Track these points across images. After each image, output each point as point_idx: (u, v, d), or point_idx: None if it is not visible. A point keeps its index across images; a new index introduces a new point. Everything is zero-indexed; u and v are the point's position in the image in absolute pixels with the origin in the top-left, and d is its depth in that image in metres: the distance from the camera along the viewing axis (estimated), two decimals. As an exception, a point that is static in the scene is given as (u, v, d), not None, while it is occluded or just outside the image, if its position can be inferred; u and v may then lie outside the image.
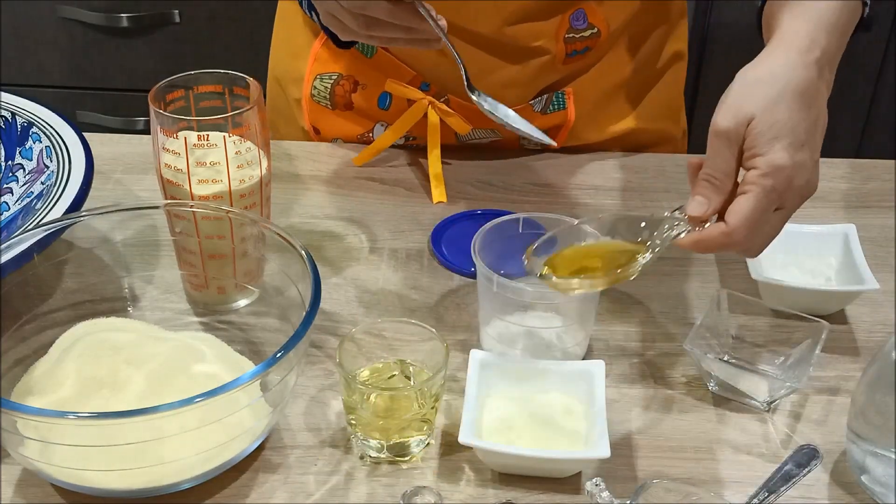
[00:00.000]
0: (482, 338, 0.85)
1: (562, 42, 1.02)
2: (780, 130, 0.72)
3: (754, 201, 0.72)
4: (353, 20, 0.82)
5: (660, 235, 0.75)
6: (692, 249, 0.75)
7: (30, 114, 0.97)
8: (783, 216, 0.75)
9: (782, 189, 0.72)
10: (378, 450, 0.75)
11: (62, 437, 0.67)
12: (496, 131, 1.09)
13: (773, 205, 0.73)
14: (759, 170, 0.72)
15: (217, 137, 0.79)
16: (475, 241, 0.82)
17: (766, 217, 0.73)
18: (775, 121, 0.73)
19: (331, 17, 0.85)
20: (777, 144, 0.72)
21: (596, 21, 1.02)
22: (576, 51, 1.03)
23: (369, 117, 1.11)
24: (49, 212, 0.84)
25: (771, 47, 0.78)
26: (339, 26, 0.85)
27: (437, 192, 1.04)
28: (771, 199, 0.72)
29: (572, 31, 1.02)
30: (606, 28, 1.03)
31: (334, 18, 0.84)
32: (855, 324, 0.89)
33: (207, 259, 0.84)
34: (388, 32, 0.82)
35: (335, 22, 0.85)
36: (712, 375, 0.81)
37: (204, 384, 0.71)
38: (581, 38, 1.02)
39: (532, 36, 1.01)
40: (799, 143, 0.73)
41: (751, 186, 0.72)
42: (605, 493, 0.70)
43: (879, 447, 0.71)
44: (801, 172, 0.73)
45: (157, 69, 2.05)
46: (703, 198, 0.74)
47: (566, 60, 1.04)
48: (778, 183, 0.72)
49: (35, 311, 0.79)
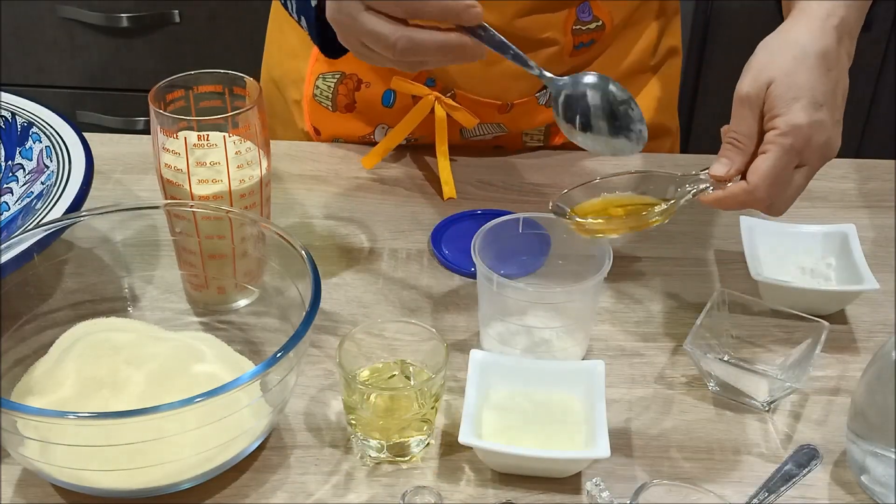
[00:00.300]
0: (482, 338, 0.85)
1: (570, 34, 1.03)
2: (799, 91, 0.75)
3: (774, 159, 0.75)
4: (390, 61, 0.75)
5: (683, 193, 0.80)
6: (715, 206, 0.78)
7: (30, 114, 0.97)
8: (805, 174, 0.78)
9: (801, 147, 0.75)
10: (378, 450, 0.75)
11: (62, 437, 0.67)
12: (502, 125, 1.09)
13: (792, 162, 0.76)
14: (778, 129, 0.75)
15: (217, 137, 0.79)
16: (475, 241, 0.82)
17: (786, 175, 0.76)
18: (793, 83, 0.76)
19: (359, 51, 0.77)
20: (795, 105, 0.75)
21: (601, 14, 1.03)
22: (582, 43, 1.04)
23: (371, 119, 1.11)
24: (49, 212, 0.84)
25: (791, 18, 0.80)
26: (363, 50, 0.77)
27: (446, 189, 1.05)
28: (790, 156, 0.75)
29: (579, 23, 1.03)
30: (610, 21, 1.04)
31: (365, 51, 0.77)
32: (855, 324, 0.89)
33: (207, 259, 0.84)
34: (434, 61, 0.76)
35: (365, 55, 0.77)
36: (712, 375, 0.81)
37: (204, 384, 0.71)
38: (587, 31, 1.03)
39: (541, 28, 1.01)
40: (817, 103, 0.76)
41: (770, 146, 0.75)
42: (605, 493, 0.70)
43: (879, 447, 0.71)
44: (819, 131, 0.76)
45: (157, 69, 2.05)
46: (727, 159, 0.78)
47: (573, 53, 1.05)
48: (796, 141, 0.75)
49: (35, 311, 0.79)
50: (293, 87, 1.14)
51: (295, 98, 1.14)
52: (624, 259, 0.96)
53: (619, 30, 1.07)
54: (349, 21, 0.74)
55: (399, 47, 0.72)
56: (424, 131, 1.08)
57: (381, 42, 0.73)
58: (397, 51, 0.73)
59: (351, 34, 0.75)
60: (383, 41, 0.73)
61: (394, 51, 0.73)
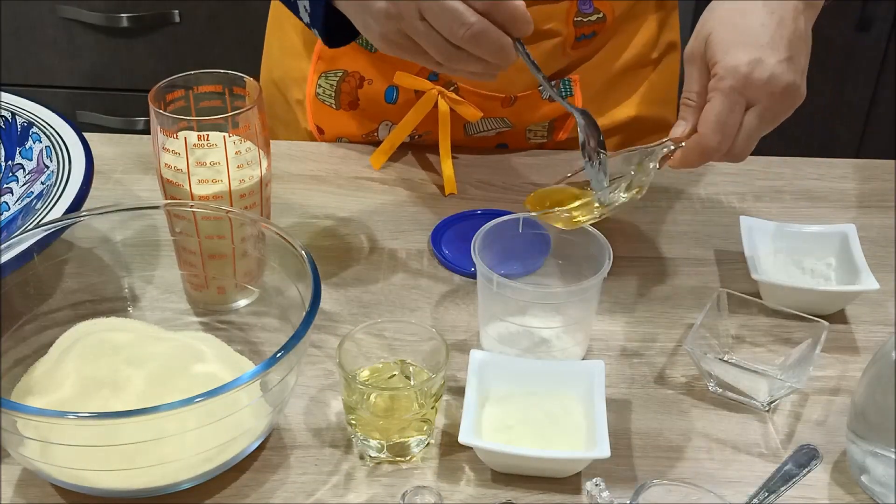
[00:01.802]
0: (482, 338, 0.85)
1: (571, 25, 1.03)
2: (736, 36, 0.77)
3: (716, 104, 0.76)
4: (439, 46, 0.74)
5: (650, 162, 0.82)
6: (679, 167, 0.80)
7: (30, 114, 0.97)
8: (757, 114, 0.78)
9: (741, 87, 0.76)
10: (378, 450, 0.75)
11: (62, 437, 0.67)
12: (506, 119, 1.09)
13: (736, 104, 0.77)
14: (717, 75, 0.77)
15: (217, 137, 0.79)
16: (475, 241, 0.82)
17: (734, 118, 0.77)
18: (730, 30, 0.77)
19: (396, 40, 0.76)
20: (732, 48, 0.77)
21: (601, 6, 1.04)
22: (584, 35, 1.05)
23: (374, 116, 1.11)
24: (49, 212, 0.84)
25: None
26: (403, 49, 0.77)
27: (448, 184, 1.05)
28: (732, 98, 0.76)
29: (580, 15, 1.03)
30: (611, 13, 1.05)
31: (406, 41, 0.76)
32: (855, 324, 0.89)
33: (207, 259, 0.84)
34: (470, 66, 0.75)
35: (402, 45, 0.76)
36: (712, 375, 0.81)
37: (204, 384, 0.71)
38: (588, 23, 1.04)
39: (542, 19, 1.02)
40: (756, 43, 0.77)
41: (712, 93, 0.77)
42: (605, 493, 0.70)
43: (879, 447, 0.71)
44: (759, 68, 0.76)
45: (157, 69, 2.05)
46: (682, 119, 0.80)
47: (575, 45, 1.05)
48: (735, 82, 0.76)
49: (35, 311, 0.79)
50: (295, 86, 1.14)
51: (297, 98, 1.14)
52: (624, 259, 0.96)
53: (620, 23, 1.08)
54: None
55: (473, 30, 0.71)
56: (428, 126, 1.08)
57: (455, 21, 0.71)
58: (467, 35, 0.71)
59: (408, 9, 0.72)
60: (458, 20, 0.71)
61: (463, 33, 0.71)
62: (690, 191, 1.07)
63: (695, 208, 1.05)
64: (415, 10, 0.72)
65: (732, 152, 0.80)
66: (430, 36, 0.73)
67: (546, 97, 0.80)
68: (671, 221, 1.03)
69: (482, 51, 0.73)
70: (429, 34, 0.73)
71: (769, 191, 1.08)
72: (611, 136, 1.14)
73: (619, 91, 1.12)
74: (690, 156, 0.79)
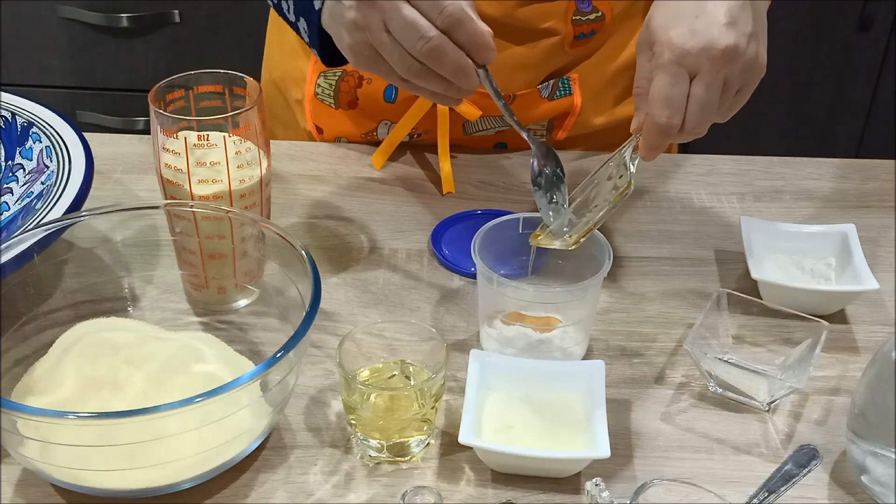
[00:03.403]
0: (482, 338, 0.85)
1: (570, 24, 1.03)
2: (673, 15, 0.78)
3: (657, 80, 0.77)
4: (401, 60, 0.75)
5: (623, 161, 0.82)
6: (646, 156, 0.80)
7: (30, 114, 0.97)
8: (705, 84, 0.77)
9: (679, 58, 0.76)
10: (378, 450, 0.75)
11: (62, 437, 0.67)
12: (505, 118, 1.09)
13: (678, 76, 0.77)
14: (654, 53, 0.77)
15: (217, 137, 0.79)
16: (475, 241, 0.82)
17: (678, 90, 0.77)
18: (669, 11, 0.78)
19: (364, 52, 0.77)
20: (670, 27, 0.77)
21: (600, 5, 1.04)
22: (583, 34, 1.05)
23: (373, 116, 1.11)
24: (49, 212, 0.84)
25: None
26: (370, 61, 0.77)
27: (445, 183, 1.05)
28: (672, 71, 0.76)
29: (579, 14, 1.03)
30: (610, 12, 1.05)
31: (372, 53, 0.76)
32: (855, 324, 0.89)
33: (207, 259, 0.84)
34: (431, 84, 0.76)
35: (368, 57, 0.77)
36: (712, 375, 0.81)
37: (204, 384, 0.71)
38: (587, 21, 1.04)
39: (541, 17, 1.02)
40: (691, 16, 0.77)
41: (654, 72, 0.77)
42: (605, 493, 0.70)
43: (879, 447, 0.71)
44: (694, 37, 0.76)
45: (157, 69, 2.05)
46: (636, 109, 0.81)
47: (573, 44, 1.05)
48: (671, 55, 0.76)
49: (35, 311, 0.79)
50: (294, 86, 1.14)
51: (297, 97, 1.14)
52: (624, 259, 0.96)
53: (619, 21, 1.08)
54: (386, 4, 0.72)
55: (431, 44, 0.72)
56: (428, 125, 1.08)
57: (414, 33, 0.72)
58: (425, 48, 0.72)
59: (374, 20, 0.74)
60: (417, 32, 0.72)
61: (421, 46, 0.72)
62: (690, 191, 1.07)
63: (695, 208, 1.05)
64: (380, 21, 0.74)
65: (688, 126, 0.79)
66: (393, 48, 0.74)
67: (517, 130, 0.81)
68: (671, 221, 1.03)
69: (441, 67, 0.74)
70: (392, 47, 0.74)
71: (769, 191, 1.08)
72: (610, 135, 1.14)
73: (618, 89, 1.12)
74: (649, 139, 0.79)
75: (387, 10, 0.73)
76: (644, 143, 0.79)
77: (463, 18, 0.73)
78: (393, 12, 0.73)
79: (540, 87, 1.08)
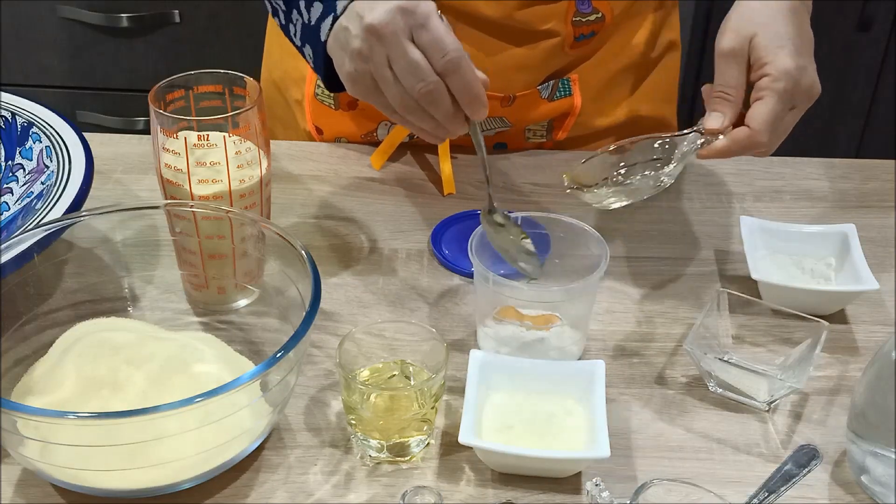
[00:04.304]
0: (479, 336, 0.85)
1: (570, 25, 1.03)
2: (781, 41, 0.82)
3: (772, 104, 0.82)
4: (399, 96, 0.77)
5: (680, 151, 0.85)
6: (716, 156, 0.84)
7: (30, 114, 0.97)
8: (795, 115, 0.85)
9: (792, 90, 0.82)
10: (378, 450, 0.75)
11: (62, 437, 0.67)
12: (504, 119, 1.09)
13: (787, 105, 0.83)
14: (770, 76, 0.82)
15: (217, 137, 0.79)
16: (472, 240, 0.82)
17: (786, 119, 0.83)
18: (776, 34, 0.83)
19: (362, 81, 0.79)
20: (781, 52, 0.82)
21: (600, 6, 1.04)
22: (583, 35, 1.05)
23: (373, 116, 1.11)
24: (49, 212, 0.84)
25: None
26: (367, 91, 0.79)
27: (446, 185, 1.05)
28: (784, 99, 0.82)
29: (579, 15, 1.04)
30: (610, 13, 1.05)
31: (371, 84, 0.78)
32: (855, 324, 0.89)
33: (207, 259, 0.84)
34: (421, 122, 0.79)
35: (367, 87, 0.79)
36: (712, 375, 0.81)
37: (204, 384, 0.71)
38: (587, 22, 1.04)
39: (541, 19, 1.02)
40: (797, 50, 0.83)
41: (765, 91, 0.82)
42: (605, 493, 0.70)
43: (879, 447, 0.71)
44: (805, 74, 0.83)
45: (157, 69, 2.05)
46: (719, 112, 0.84)
47: (574, 45, 1.05)
48: (788, 84, 0.81)
49: (35, 311, 0.79)
50: (294, 86, 1.13)
51: (296, 98, 1.14)
52: (624, 259, 0.96)
53: (619, 22, 1.08)
54: (393, 41, 0.75)
55: (429, 87, 0.76)
56: None
57: (415, 75, 0.75)
58: (423, 90, 0.76)
59: (379, 55, 0.76)
60: (418, 75, 0.75)
61: (420, 88, 0.75)
62: (690, 191, 1.07)
63: (695, 208, 1.05)
64: (384, 57, 0.76)
65: (769, 147, 0.85)
66: (393, 84, 0.77)
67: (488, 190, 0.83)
68: (671, 221, 1.03)
69: (434, 110, 0.77)
70: (393, 83, 0.77)
71: (769, 191, 1.08)
72: (609, 135, 1.14)
73: (618, 90, 1.12)
74: (736, 147, 0.83)
75: (393, 48, 0.75)
76: (724, 149, 0.83)
77: (462, 67, 0.76)
78: (398, 51, 0.75)
79: (540, 87, 1.08)
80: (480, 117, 0.79)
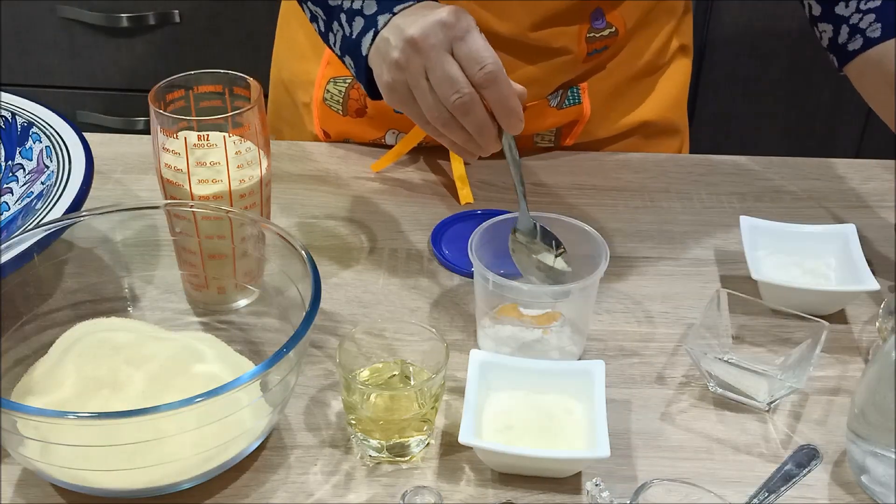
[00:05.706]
0: (479, 336, 0.85)
1: (583, 42, 1.03)
2: None
3: None
4: (433, 107, 0.78)
5: None
6: None
7: (30, 114, 0.97)
8: None
9: None
10: (378, 450, 0.75)
11: (62, 437, 0.67)
12: None
13: None
14: None
15: (217, 137, 0.79)
16: (472, 240, 0.82)
17: None
18: None
19: (399, 90, 0.79)
20: None
21: (614, 20, 1.03)
22: (595, 49, 1.05)
23: (381, 124, 1.10)
24: (49, 212, 0.84)
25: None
26: (403, 100, 0.80)
27: (463, 194, 1.04)
28: None
29: (593, 31, 1.03)
30: (623, 27, 1.04)
31: (407, 94, 0.79)
32: (855, 324, 0.89)
33: (207, 259, 0.84)
34: (454, 134, 0.79)
35: (403, 96, 0.79)
36: (712, 375, 0.81)
37: (204, 384, 0.71)
38: (601, 38, 1.04)
39: (555, 38, 1.02)
40: None
41: None
42: (605, 493, 0.70)
43: (879, 447, 0.71)
44: None
45: (157, 69, 2.05)
46: None
47: (586, 59, 1.05)
48: None
49: (35, 311, 0.79)
50: (302, 89, 1.13)
51: (304, 101, 1.13)
52: (623, 259, 0.96)
53: (632, 33, 1.07)
54: (431, 53, 0.76)
55: (464, 99, 0.76)
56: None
57: (450, 86, 0.76)
58: (458, 102, 0.76)
59: (416, 65, 0.77)
60: (453, 86, 0.76)
61: (455, 99, 0.76)
62: (690, 191, 1.07)
63: (695, 208, 1.05)
64: (421, 67, 0.77)
65: None
66: (428, 95, 0.78)
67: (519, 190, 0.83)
68: (671, 221, 1.03)
69: (468, 122, 0.78)
70: (428, 93, 0.77)
71: (769, 191, 1.08)
72: (619, 141, 1.14)
73: (628, 97, 1.12)
74: None
75: (431, 59, 0.76)
76: None
77: (499, 79, 0.76)
78: (436, 62, 0.76)
79: (549, 96, 1.07)
80: (516, 131, 0.79)
